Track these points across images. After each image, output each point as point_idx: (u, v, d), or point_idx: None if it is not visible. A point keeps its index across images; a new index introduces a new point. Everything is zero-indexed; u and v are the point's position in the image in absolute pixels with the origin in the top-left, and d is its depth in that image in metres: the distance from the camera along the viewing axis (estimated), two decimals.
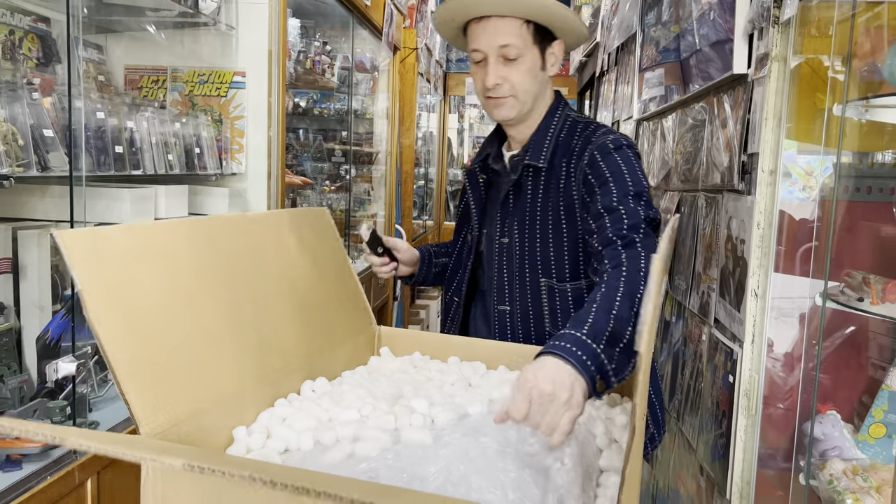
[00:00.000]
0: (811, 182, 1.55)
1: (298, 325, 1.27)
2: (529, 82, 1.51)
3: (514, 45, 1.46)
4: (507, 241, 1.58)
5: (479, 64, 1.52)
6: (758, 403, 1.61)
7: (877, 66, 1.42)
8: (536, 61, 1.50)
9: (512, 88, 1.50)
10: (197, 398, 0.97)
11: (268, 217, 1.33)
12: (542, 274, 1.55)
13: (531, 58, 1.49)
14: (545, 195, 1.53)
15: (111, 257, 0.92)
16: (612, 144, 1.47)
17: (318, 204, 3.66)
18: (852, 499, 1.32)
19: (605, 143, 1.47)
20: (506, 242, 1.58)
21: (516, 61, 1.47)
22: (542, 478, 0.88)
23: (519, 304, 1.58)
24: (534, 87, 1.53)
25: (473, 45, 1.50)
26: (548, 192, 1.53)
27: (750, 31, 1.66)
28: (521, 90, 1.51)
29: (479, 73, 1.52)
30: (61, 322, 1.66)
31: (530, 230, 1.55)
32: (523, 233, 1.56)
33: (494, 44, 1.46)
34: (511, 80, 1.49)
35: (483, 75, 1.50)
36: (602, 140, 1.48)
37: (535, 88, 1.53)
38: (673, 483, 2.21)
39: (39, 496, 1.30)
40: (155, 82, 2.40)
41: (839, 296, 1.46)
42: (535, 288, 1.56)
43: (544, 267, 1.55)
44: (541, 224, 1.54)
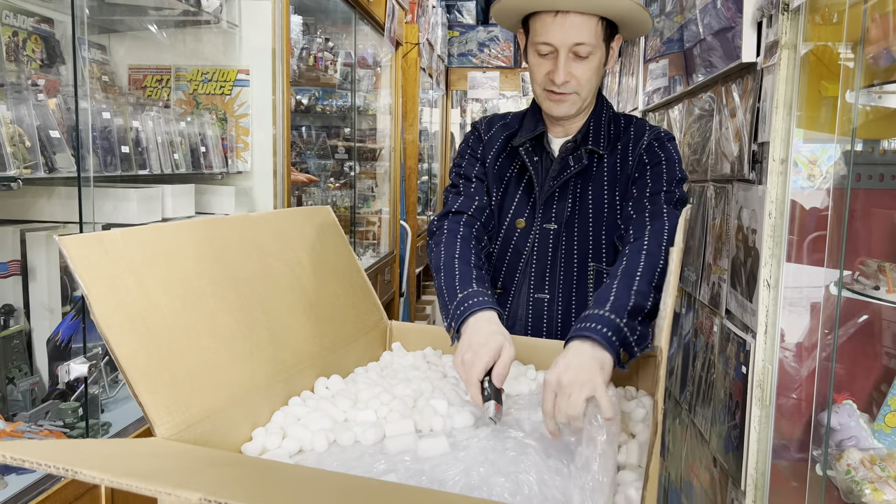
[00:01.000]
0: (819, 171, 1.54)
1: (309, 323, 1.27)
2: (595, 80, 1.49)
3: (588, 43, 1.41)
4: (554, 228, 1.55)
5: (544, 56, 1.46)
6: (771, 394, 1.60)
7: (887, 52, 1.40)
8: (602, 59, 1.48)
9: (578, 86, 1.46)
10: (211, 398, 0.97)
11: (272, 216, 1.33)
12: (593, 258, 1.55)
13: (599, 55, 1.46)
14: (599, 180, 1.54)
15: (116, 261, 0.91)
16: (666, 136, 1.55)
17: (323, 201, 3.66)
18: (871, 488, 1.32)
19: (660, 133, 1.55)
20: (553, 229, 1.55)
21: (587, 59, 1.44)
22: (562, 478, 0.87)
23: (561, 291, 1.56)
24: (595, 85, 1.51)
25: (544, 38, 1.43)
26: (602, 178, 1.54)
27: (759, 18, 1.65)
28: (587, 88, 1.48)
29: (543, 65, 1.47)
30: (71, 323, 1.66)
31: (581, 216, 1.54)
32: (573, 219, 1.54)
33: (569, 41, 1.41)
34: (579, 77, 1.45)
35: (549, 69, 1.45)
36: (657, 131, 1.56)
37: (595, 86, 1.51)
38: (685, 475, 2.20)
39: (54, 498, 1.30)
40: (159, 81, 2.39)
41: (854, 284, 1.45)
42: (582, 273, 1.55)
43: (595, 251, 1.55)
44: (594, 209, 1.53)
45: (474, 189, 1.59)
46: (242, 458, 0.95)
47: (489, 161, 1.61)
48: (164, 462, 0.78)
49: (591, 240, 1.55)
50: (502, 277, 1.62)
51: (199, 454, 0.85)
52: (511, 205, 1.59)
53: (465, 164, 1.63)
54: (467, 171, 1.61)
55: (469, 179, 1.60)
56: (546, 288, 1.57)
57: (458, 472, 0.87)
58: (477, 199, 1.57)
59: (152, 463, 0.76)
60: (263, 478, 0.75)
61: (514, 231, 1.58)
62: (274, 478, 0.74)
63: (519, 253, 1.59)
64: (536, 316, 1.58)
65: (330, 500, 0.66)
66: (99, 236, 0.92)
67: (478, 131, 1.66)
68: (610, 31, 1.47)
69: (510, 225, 1.59)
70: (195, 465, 0.79)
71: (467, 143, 1.66)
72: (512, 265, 1.60)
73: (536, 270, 1.58)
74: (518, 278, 1.59)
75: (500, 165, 1.60)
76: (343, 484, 0.75)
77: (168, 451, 0.82)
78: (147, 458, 0.79)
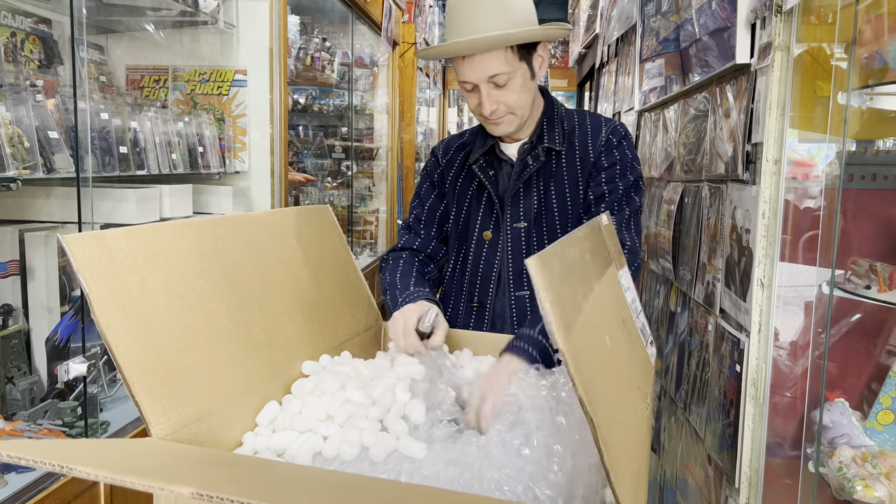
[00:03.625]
0: (812, 171, 1.55)
1: (305, 324, 1.27)
2: (525, 98, 1.51)
3: (502, 72, 1.44)
4: (524, 226, 1.60)
5: (469, 91, 1.51)
6: (765, 392, 1.61)
7: (880, 54, 1.42)
8: (526, 74, 1.50)
9: (508, 108, 1.50)
10: (207, 398, 0.98)
11: (270, 216, 1.33)
12: None
13: (521, 74, 1.48)
14: (560, 175, 1.58)
15: (117, 260, 0.92)
16: (622, 130, 1.60)
17: (321, 200, 3.66)
18: (862, 485, 1.33)
19: (617, 127, 1.60)
20: (523, 227, 1.60)
21: (507, 85, 1.47)
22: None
23: None
24: (528, 99, 1.54)
25: (461, 78, 1.49)
26: (562, 173, 1.58)
27: (752, 20, 1.66)
28: (518, 107, 1.51)
29: (471, 99, 1.53)
30: (70, 323, 1.66)
31: (548, 211, 1.59)
32: (541, 214, 1.59)
33: (483, 76, 1.45)
34: (506, 101, 1.49)
35: (477, 101, 1.51)
36: (613, 124, 1.60)
37: (529, 98, 1.54)
38: (681, 473, 2.22)
39: (53, 496, 1.31)
40: (156, 82, 2.40)
41: (846, 284, 1.47)
42: None
43: None
44: (559, 203, 1.58)
45: (423, 224, 1.70)
46: (236, 456, 0.96)
47: (449, 183, 1.68)
48: (158, 460, 0.79)
49: (559, 234, 1.60)
50: (478, 292, 1.67)
51: (194, 453, 0.86)
52: (476, 220, 1.65)
53: (422, 193, 1.72)
54: (420, 206, 1.71)
55: (419, 219, 1.70)
56: (525, 285, 1.61)
57: (451, 467, 0.88)
58: (423, 234, 1.69)
59: (147, 460, 0.77)
60: (256, 475, 0.76)
61: (483, 244, 1.64)
62: (267, 475, 0.75)
63: (491, 263, 1.64)
64: (521, 313, 1.61)
65: (323, 496, 0.68)
66: (101, 235, 0.92)
67: (436, 157, 1.73)
68: (526, 47, 1.47)
69: (478, 238, 1.65)
70: (189, 463, 0.80)
71: (427, 170, 1.74)
72: (486, 275, 1.65)
73: (514, 269, 1.62)
74: (494, 283, 1.64)
75: (461, 185, 1.67)
76: (336, 480, 0.76)
77: (163, 450, 0.83)
78: (142, 455, 0.80)
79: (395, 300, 1.46)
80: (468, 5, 1.42)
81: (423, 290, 1.47)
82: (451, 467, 0.91)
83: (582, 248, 0.99)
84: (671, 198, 2.38)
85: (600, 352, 0.86)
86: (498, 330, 1.63)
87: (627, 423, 0.86)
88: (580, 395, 0.69)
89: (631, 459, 0.81)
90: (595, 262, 1.04)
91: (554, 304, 0.70)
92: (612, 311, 1.03)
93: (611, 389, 0.83)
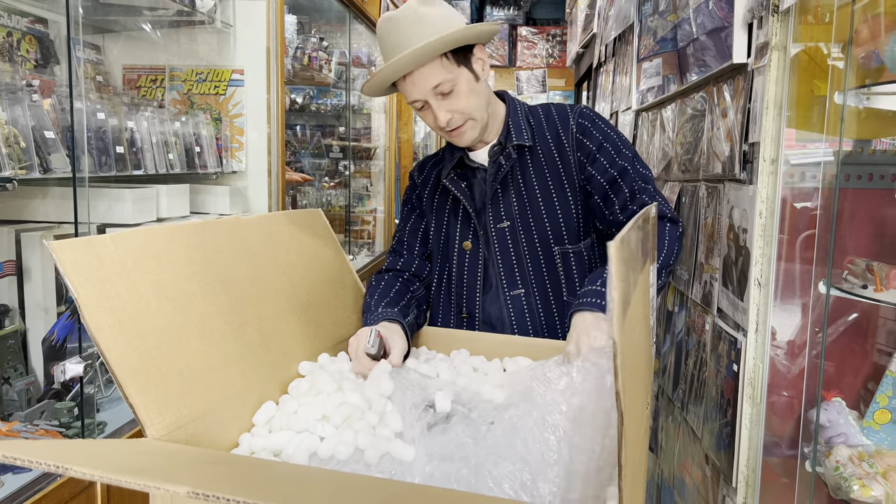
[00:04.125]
0: (810, 171, 1.55)
1: (300, 325, 1.27)
2: (475, 100, 1.52)
3: (443, 80, 1.46)
4: (508, 225, 1.61)
5: (421, 109, 1.53)
6: (762, 392, 1.61)
7: (876, 54, 1.42)
8: (469, 79, 1.51)
9: (463, 115, 1.51)
10: (201, 398, 0.98)
11: (261, 220, 1.33)
12: (554, 242, 1.61)
13: (464, 79, 1.49)
14: (538, 169, 1.60)
15: (106, 265, 0.92)
16: (589, 111, 1.62)
17: (318, 200, 3.66)
18: (859, 485, 1.33)
19: (584, 110, 1.62)
20: (507, 226, 1.61)
21: (453, 91, 1.48)
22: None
23: (534, 281, 1.62)
24: (481, 100, 1.54)
25: (409, 98, 1.51)
26: (540, 166, 1.60)
27: (749, 19, 1.66)
28: (472, 110, 1.52)
29: (427, 116, 1.54)
30: (66, 323, 1.66)
31: (532, 205, 1.60)
32: (524, 210, 1.60)
33: (426, 88, 1.47)
34: (458, 108, 1.50)
35: (432, 117, 1.52)
36: (578, 108, 1.63)
37: (482, 101, 1.55)
38: (678, 472, 2.22)
39: (50, 497, 1.30)
40: (153, 81, 2.40)
41: (843, 283, 1.47)
42: (548, 259, 1.61)
43: (555, 235, 1.60)
44: (542, 196, 1.59)
45: (406, 244, 1.73)
46: (232, 456, 0.96)
47: (426, 201, 1.72)
48: (154, 459, 0.79)
49: (547, 226, 1.60)
50: (465, 302, 1.68)
51: (190, 453, 0.86)
52: (455, 232, 1.67)
53: (403, 215, 1.78)
54: (402, 228, 1.76)
55: (401, 241, 1.74)
56: (518, 283, 1.62)
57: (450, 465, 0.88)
58: (405, 255, 1.72)
59: (143, 460, 0.77)
60: (253, 474, 0.76)
61: (465, 255, 1.66)
62: (263, 474, 0.75)
63: (474, 272, 1.65)
64: (518, 313, 1.62)
65: (320, 496, 0.67)
66: (90, 240, 0.93)
67: (412, 179, 1.78)
68: (461, 52, 1.49)
69: (459, 250, 1.67)
70: (185, 463, 0.80)
71: (406, 194, 1.78)
72: (471, 285, 1.66)
73: (504, 270, 1.62)
74: (480, 291, 1.66)
75: (438, 202, 1.70)
76: (333, 480, 0.76)
77: (159, 450, 0.83)
78: (138, 455, 0.80)
79: (363, 322, 1.48)
80: (394, 30, 1.45)
81: (390, 310, 1.47)
82: (447, 463, 0.90)
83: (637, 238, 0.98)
84: (668, 197, 2.38)
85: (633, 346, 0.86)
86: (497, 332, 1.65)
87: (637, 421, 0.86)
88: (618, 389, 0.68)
89: (634, 457, 0.81)
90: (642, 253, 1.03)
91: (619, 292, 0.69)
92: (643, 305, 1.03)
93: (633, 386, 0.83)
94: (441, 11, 1.47)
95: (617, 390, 0.68)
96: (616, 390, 0.68)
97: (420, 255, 1.72)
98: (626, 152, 1.59)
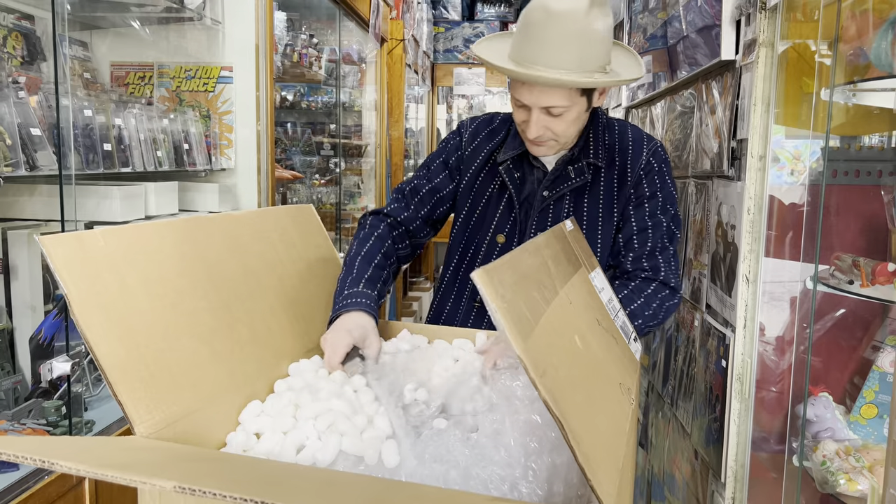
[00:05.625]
0: (799, 167, 1.56)
1: (290, 322, 1.27)
2: (574, 129, 1.43)
3: (559, 105, 1.36)
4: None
5: (520, 107, 1.42)
6: (751, 387, 1.62)
7: (863, 50, 1.43)
8: (583, 107, 1.40)
9: (554, 135, 1.42)
10: (191, 396, 0.97)
11: (252, 216, 1.33)
12: None
13: (577, 108, 1.39)
14: (595, 194, 1.50)
15: (96, 261, 0.92)
16: (663, 154, 1.52)
17: (308, 198, 3.65)
18: (845, 479, 1.34)
19: (658, 149, 1.51)
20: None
21: (562, 115, 1.38)
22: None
23: None
24: (577, 129, 1.45)
25: (516, 96, 1.40)
26: (598, 191, 1.50)
27: (737, 16, 1.66)
28: (564, 136, 1.43)
29: (520, 114, 1.44)
30: (54, 322, 1.65)
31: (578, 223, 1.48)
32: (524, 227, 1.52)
33: (539, 103, 1.36)
34: (555, 129, 1.40)
35: (524, 118, 1.42)
36: (655, 146, 1.51)
37: (578, 129, 1.46)
38: (668, 467, 2.23)
39: (37, 496, 1.30)
40: (141, 78, 2.38)
41: (829, 279, 1.48)
42: None
43: None
44: (588, 223, 1.50)
45: (419, 198, 1.57)
46: (220, 453, 0.96)
47: (469, 176, 1.57)
48: (141, 455, 0.79)
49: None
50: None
51: (178, 450, 0.86)
52: (493, 220, 1.54)
53: (432, 168, 1.60)
54: (424, 179, 1.59)
55: (415, 192, 1.57)
56: None
57: (434, 466, 0.88)
58: (412, 209, 1.56)
59: (130, 456, 0.77)
60: (240, 470, 0.75)
61: (495, 247, 1.55)
62: (251, 470, 0.75)
63: None
64: None
65: (306, 492, 0.67)
66: (80, 235, 0.92)
67: (460, 136, 1.61)
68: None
69: (491, 240, 1.55)
70: (173, 459, 0.80)
71: (446, 145, 1.62)
72: None
73: None
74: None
75: (481, 181, 1.56)
76: (320, 477, 0.76)
77: (146, 447, 0.83)
78: (125, 451, 0.79)
79: (338, 292, 1.35)
80: (544, 31, 1.30)
81: (366, 296, 1.33)
82: (438, 464, 0.91)
83: (543, 256, 0.99)
84: None
85: (569, 352, 0.86)
86: None
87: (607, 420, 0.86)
88: (544, 398, 0.69)
89: (613, 454, 0.81)
90: (560, 267, 1.04)
91: (506, 312, 0.70)
92: (584, 313, 1.03)
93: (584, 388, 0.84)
94: (607, 26, 1.32)
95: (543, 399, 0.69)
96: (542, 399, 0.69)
97: (426, 216, 1.57)
98: (670, 209, 1.50)
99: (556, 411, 0.69)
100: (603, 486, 0.71)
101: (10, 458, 0.68)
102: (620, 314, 1.26)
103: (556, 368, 0.75)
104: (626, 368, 1.10)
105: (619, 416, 0.93)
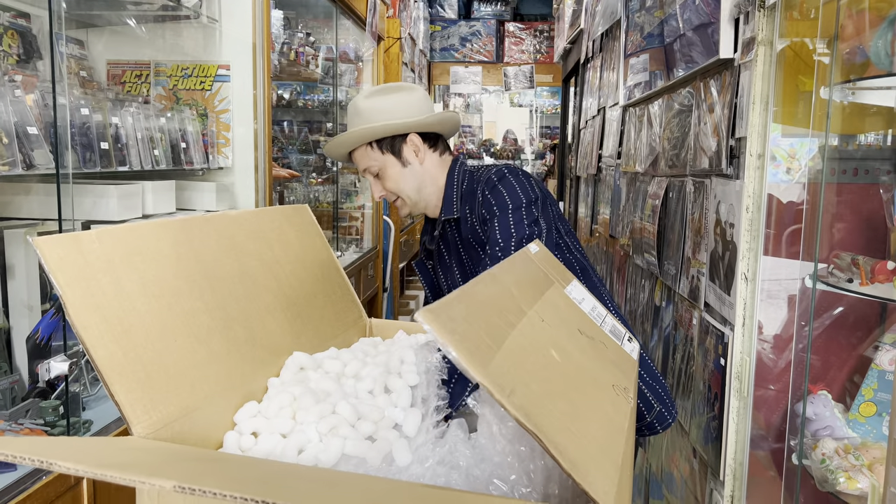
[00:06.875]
0: (796, 165, 1.56)
1: (287, 321, 1.27)
2: (403, 183, 1.65)
3: (370, 166, 1.64)
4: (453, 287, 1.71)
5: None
6: (749, 386, 1.62)
7: (861, 49, 1.43)
8: (395, 164, 1.63)
9: (392, 194, 1.66)
10: (188, 396, 0.97)
11: (248, 216, 1.32)
12: None
13: (390, 165, 1.63)
14: (465, 239, 1.65)
15: (91, 262, 0.91)
16: (496, 177, 1.59)
17: (306, 196, 3.65)
18: (845, 477, 1.34)
19: (490, 177, 1.60)
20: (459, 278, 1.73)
21: (381, 175, 1.65)
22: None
23: None
24: (411, 183, 1.65)
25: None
26: (464, 237, 1.65)
27: (736, 15, 1.66)
28: (401, 192, 1.66)
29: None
30: (51, 321, 1.64)
31: (461, 273, 1.71)
32: (455, 278, 1.72)
33: (360, 168, 1.67)
34: (388, 188, 1.66)
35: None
36: (486, 175, 1.62)
37: (413, 183, 1.66)
38: (666, 466, 2.23)
39: (35, 497, 1.29)
40: (138, 77, 2.37)
41: (828, 277, 1.48)
42: None
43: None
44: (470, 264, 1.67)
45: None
46: (219, 453, 0.95)
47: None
48: (140, 456, 0.78)
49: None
50: None
51: (176, 450, 0.85)
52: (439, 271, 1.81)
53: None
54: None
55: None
56: None
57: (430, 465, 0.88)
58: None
59: (129, 456, 0.76)
60: (239, 470, 0.75)
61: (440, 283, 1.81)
62: (250, 470, 0.74)
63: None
64: None
65: (306, 491, 0.67)
66: (75, 236, 0.91)
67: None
68: (388, 141, 1.62)
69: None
70: (171, 459, 0.79)
71: None
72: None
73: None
74: None
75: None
76: (320, 477, 0.76)
77: (145, 447, 0.83)
78: (124, 451, 0.79)
79: None
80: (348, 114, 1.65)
81: None
82: (441, 466, 0.90)
83: (503, 283, 0.99)
84: (656, 192, 2.39)
85: (544, 367, 0.86)
86: None
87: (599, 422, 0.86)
88: (514, 415, 0.69)
89: (611, 452, 0.81)
90: (525, 289, 1.04)
91: (458, 343, 0.70)
92: (561, 326, 1.03)
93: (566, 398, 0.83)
94: (381, 104, 1.61)
95: (514, 417, 0.68)
96: (514, 417, 0.68)
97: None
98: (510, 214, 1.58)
99: (530, 425, 0.69)
100: (597, 484, 0.71)
101: (7, 458, 0.67)
102: (608, 318, 1.26)
103: (526, 385, 0.75)
104: (621, 370, 1.09)
105: (616, 416, 0.93)
